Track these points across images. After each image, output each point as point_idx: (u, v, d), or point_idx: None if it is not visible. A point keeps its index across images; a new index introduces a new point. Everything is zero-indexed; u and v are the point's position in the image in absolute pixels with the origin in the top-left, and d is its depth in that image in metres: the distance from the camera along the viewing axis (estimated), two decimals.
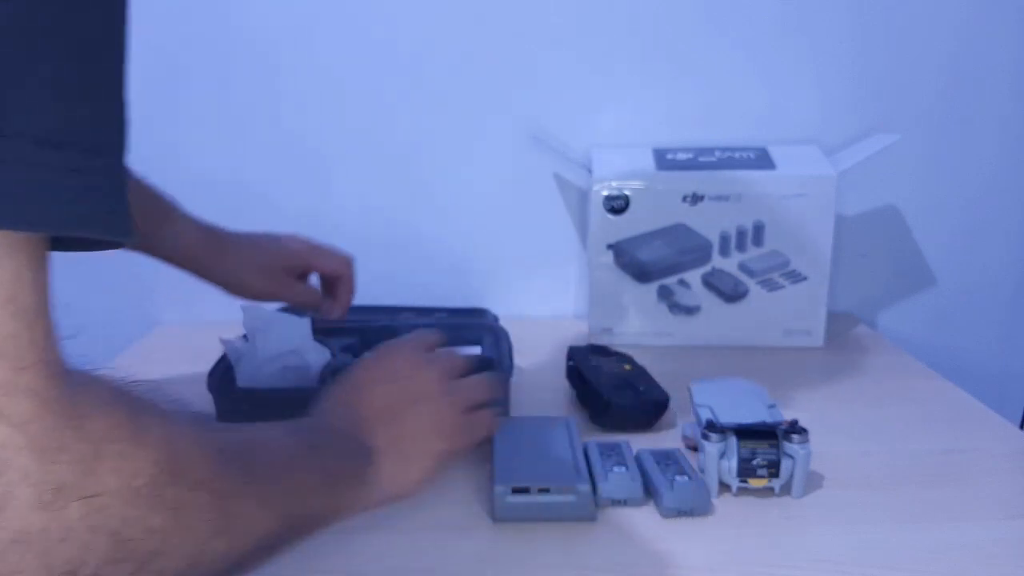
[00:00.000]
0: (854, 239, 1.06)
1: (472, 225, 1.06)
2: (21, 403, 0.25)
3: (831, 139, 1.02)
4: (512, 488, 0.59)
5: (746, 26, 1.01)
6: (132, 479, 0.28)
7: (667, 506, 0.59)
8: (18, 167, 0.25)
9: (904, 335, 1.08)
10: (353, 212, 1.04)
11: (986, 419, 0.77)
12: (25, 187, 0.25)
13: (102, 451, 0.28)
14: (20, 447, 0.25)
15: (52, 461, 0.26)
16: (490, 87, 1.02)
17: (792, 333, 0.96)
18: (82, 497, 0.26)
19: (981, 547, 0.56)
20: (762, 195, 0.93)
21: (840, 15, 1.00)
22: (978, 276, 1.09)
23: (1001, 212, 1.07)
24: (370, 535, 0.57)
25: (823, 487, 0.64)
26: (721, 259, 0.95)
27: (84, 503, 0.26)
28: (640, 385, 0.76)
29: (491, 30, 1.00)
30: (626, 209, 0.94)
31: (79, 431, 0.27)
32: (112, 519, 0.28)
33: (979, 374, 0.98)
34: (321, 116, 1.02)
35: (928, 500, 0.62)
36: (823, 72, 1.02)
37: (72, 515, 0.26)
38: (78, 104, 0.26)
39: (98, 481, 0.27)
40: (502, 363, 0.76)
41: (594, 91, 1.02)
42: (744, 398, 0.68)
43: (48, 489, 0.25)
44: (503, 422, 0.71)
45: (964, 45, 1.02)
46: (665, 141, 1.01)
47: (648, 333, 0.97)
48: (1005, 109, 1.04)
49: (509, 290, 1.07)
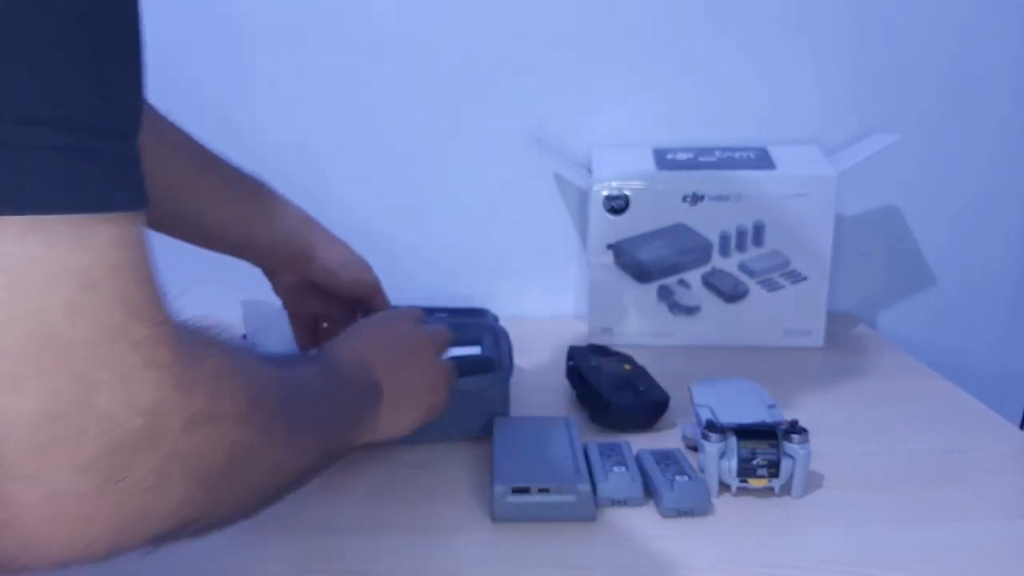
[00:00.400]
0: (854, 239, 1.06)
1: (472, 225, 1.06)
2: (163, 351, 0.31)
3: (831, 139, 1.02)
4: (512, 488, 0.59)
5: (746, 26, 1.01)
6: (237, 407, 0.35)
7: (667, 506, 0.59)
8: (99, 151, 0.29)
9: (904, 335, 1.08)
10: (353, 212, 1.04)
11: (986, 419, 0.77)
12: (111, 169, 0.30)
13: (220, 385, 0.34)
14: (168, 385, 0.31)
15: (188, 392, 0.32)
16: (490, 87, 1.02)
17: (792, 333, 0.96)
18: (210, 421, 0.33)
19: (981, 547, 0.56)
20: (762, 195, 0.93)
21: (840, 15, 1.00)
22: (978, 276, 1.09)
23: (1001, 212, 1.07)
24: (370, 535, 0.57)
25: (823, 487, 0.64)
26: (721, 259, 0.95)
27: (212, 426, 0.33)
28: (640, 385, 0.76)
29: (491, 30, 1.00)
30: (626, 209, 0.94)
31: (201, 368, 0.33)
32: (228, 437, 0.34)
33: (979, 374, 0.98)
34: (320, 116, 1.02)
35: (928, 500, 0.62)
36: (823, 72, 1.02)
37: (204, 435, 0.32)
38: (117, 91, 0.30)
39: (219, 408, 0.33)
40: (502, 363, 0.76)
41: (594, 91, 1.02)
42: (744, 398, 0.68)
43: (189, 416, 0.32)
44: (503, 422, 0.71)
45: (964, 45, 1.02)
46: (665, 141, 1.01)
47: (648, 333, 0.97)
48: (1005, 109, 1.04)
49: (509, 290, 1.07)
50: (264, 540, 0.57)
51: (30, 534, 0.29)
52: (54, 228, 0.28)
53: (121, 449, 0.29)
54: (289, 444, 0.41)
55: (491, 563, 0.55)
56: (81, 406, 0.28)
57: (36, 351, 0.27)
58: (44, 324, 0.28)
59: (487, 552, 0.56)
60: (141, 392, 0.30)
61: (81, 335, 0.28)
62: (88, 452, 0.28)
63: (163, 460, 0.31)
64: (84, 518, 0.29)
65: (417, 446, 0.70)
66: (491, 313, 0.98)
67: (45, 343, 0.28)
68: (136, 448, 0.30)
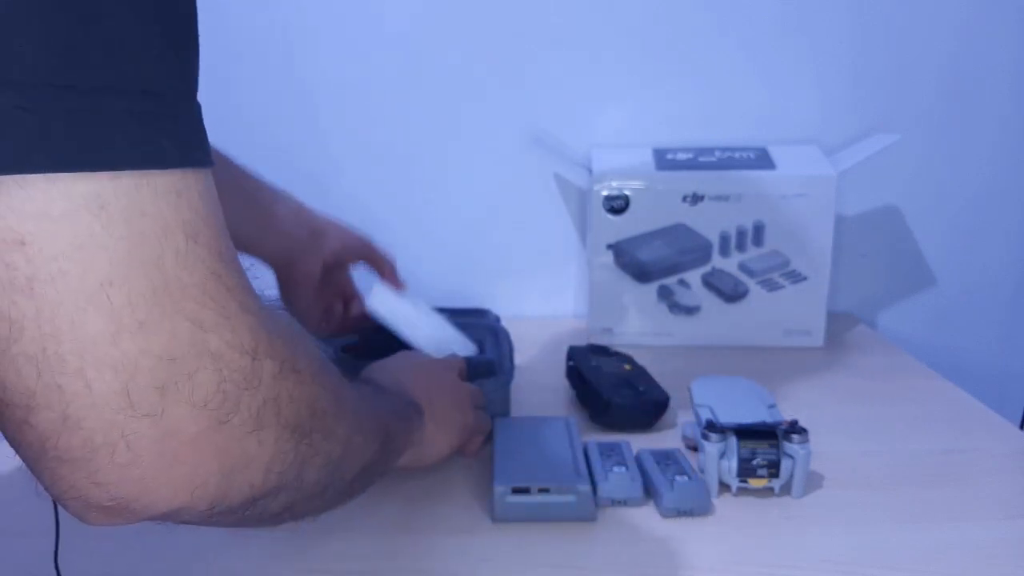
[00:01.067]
0: (854, 239, 1.06)
1: (472, 225, 1.06)
2: (251, 297, 0.33)
3: (831, 139, 1.02)
4: (512, 488, 0.59)
5: (746, 26, 1.01)
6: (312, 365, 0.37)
7: (667, 506, 0.59)
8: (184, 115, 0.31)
9: (904, 335, 1.08)
10: (353, 212, 1.04)
11: (986, 419, 0.77)
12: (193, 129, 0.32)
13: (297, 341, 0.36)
14: (261, 329, 0.33)
15: (277, 339, 0.34)
16: (490, 87, 1.02)
17: (792, 333, 0.96)
18: (295, 371, 0.35)
19: (981, 547, 0.56)
20: (762, 195, 0.93)
21: (840, 15, 1.00)
22: (978, 276, 1.09)
23: (1001, 212, 1.07)
24: (370, 535, 0.57)
25: (823, 487, 0.64)
26: (721, 259, 0.95)
27: (296, 376, 0.35)
28: (640, 385, 0.76)
29: (491, 30, 1.00)
30: (626, 209, 0.94)
31: (281, 323, 0.35)
32: (309, 391, 0.36)
33: (979, 374, 0.98)
34: (320, 116, 1.02)
35: (928, 500, 0.62)
36: (823, 72, 1.02)
37: (292, 383, 0.35)
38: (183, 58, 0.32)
39: (300, 363, 0.36)
40: (503, 364, 0.76)
41: (594, 91, 1.02)
42: (744, 398, 0.68)
43: (279, 361, 0.34)
44: (503, 422, 0.71)
45: (964, 45, 1.02)
46: (665, 141, 1.01)
47: (648, 333, 0.97)
48: (1005, 109, 1.04)
49: (509, 290, 1.07)
50: (264, 540, 0.57)
51: (148, 474, 0.30)
52: (160, 183, 0.30)
53: (230, 388, 0.31)
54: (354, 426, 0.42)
55: (491, 563, 0.55)
56: (196, 346, 0.30)
57: (156, 295, 0.29)
58: (161, 270, 0.29)
59: (487, 552, 0.56)
60: (242, 334, 0.32)
61: (191, 280, 0.30)
62: (203, 391, 0.30)
63: (261, 402, 0.33)
64: (196, 457, 0.31)
65: None
66: (492, 313, 0.98)
67: (162, 288, 0.30)
68: (241, 387, 0.32)
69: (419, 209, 1.05)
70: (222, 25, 0.98)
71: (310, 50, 1.00)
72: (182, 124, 0.31)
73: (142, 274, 0.29)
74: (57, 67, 0.27)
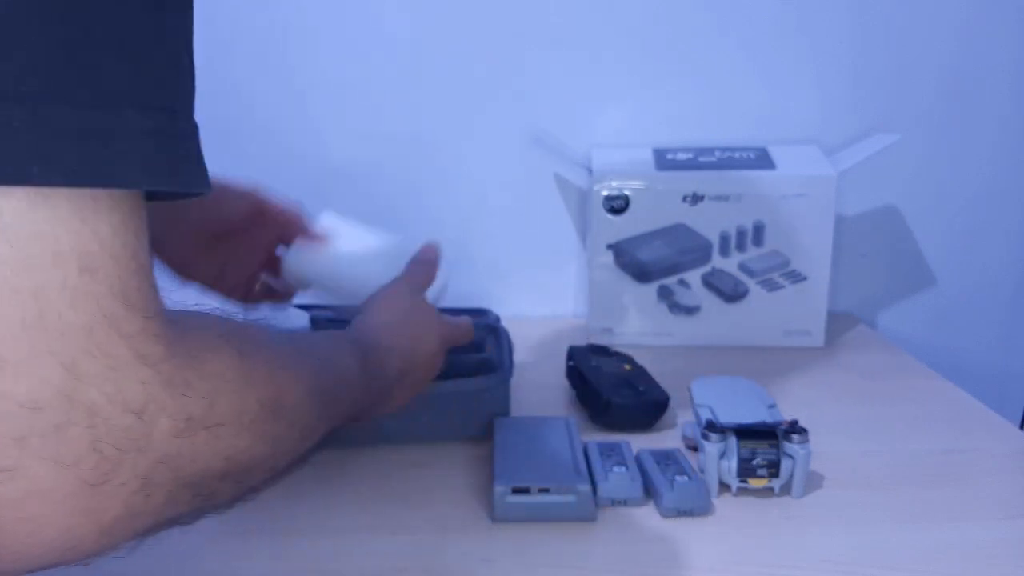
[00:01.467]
0: (854, 239, 1.06)
1: (472, 225, 1.06)
2: (154, 347, 0.29)
3: (831, 139, 1.02)
4: (512, 488, 0.59)
5: (746, 26, 1.01)
6: (242, 415, 0.34)
7: (667, 506, 0.59)
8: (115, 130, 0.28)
9: (904, 335, 1.08)
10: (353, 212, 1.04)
11: (986, 419, 0.77)
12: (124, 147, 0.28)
13: (220, 388, 0.32)
14: (158, 384, 0.29)
15: (182, 395, 0.30)
16: (490, 87, 1.02)
17: (792, 333, 0.96)
18: (206, 427, 0.31)
19: (981, 547, 0.56)
20: (762, 195, 0.93)
21: (840, 15, 1.00)
22: (978, 276, 1.09)
23: (1001, 212, 1.07)
24: (370, 535, 0.57)
25: (823, 487, 0.64)
26: (721, 259, 0.95)
27: (208, 432, 0.31)
28: (640, 385, 0.76)
29: (491, 30, 1.00)
30: (626, 209, 0.94)
31: (199, 370, 0.31)
32: (228, 446, 0.33)
33: (979, 374, 0.98)
34: (319, 116, 1.02)
35: (928, 500, 0.62)
36: (823, 72, 1.02)
37: (199, 441, 0.31)
38: (156, 68, 0.29)
39: (217, 414, 0.32)
40: (502, 364, 0.76)
41: (594, 91, 1.02)
42: (744, 398, 0.68)
43: (182, 419, 0.30)
44: (503, 422, 0.71)
45: (964, 45, 1.02)
46: (665, 141, 1.01)
47: (648, 333, 0.97)
48: (1005, 109, 1.04)
49: (509, 290, 1.07)
50: (263, 541, 0.57)
51: (7, 533, 0.27)
52: (63, 205, 0.27)
53: (107, 448, 0.28)
54: (301, 445, 0.40)
55: (491, 563, 0.55)
56: (67, 397, 0.27)
57: (28, 331, 0.26)
58: (40, 303, 0.26)
59: (487, 552, 0.56)
60: (129, 389, 0.28)
61: (75, 320, 0.27)
62: (73, 448, 0.27)
63: (152, 462, 0.29)
64: (65, 519, 0.28)
65: (417, 446, 0.70)
66: (493, 313, 0.98)
67: (38, 323, 0.26)
68: (123, 448, 0.28)
69: (419, 209, 1.05)
70: (221, 25, 0.98)
71: (309, 50, 1.00)
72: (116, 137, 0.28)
73: (18, 303, 0.26)
74: None
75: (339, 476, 0.65)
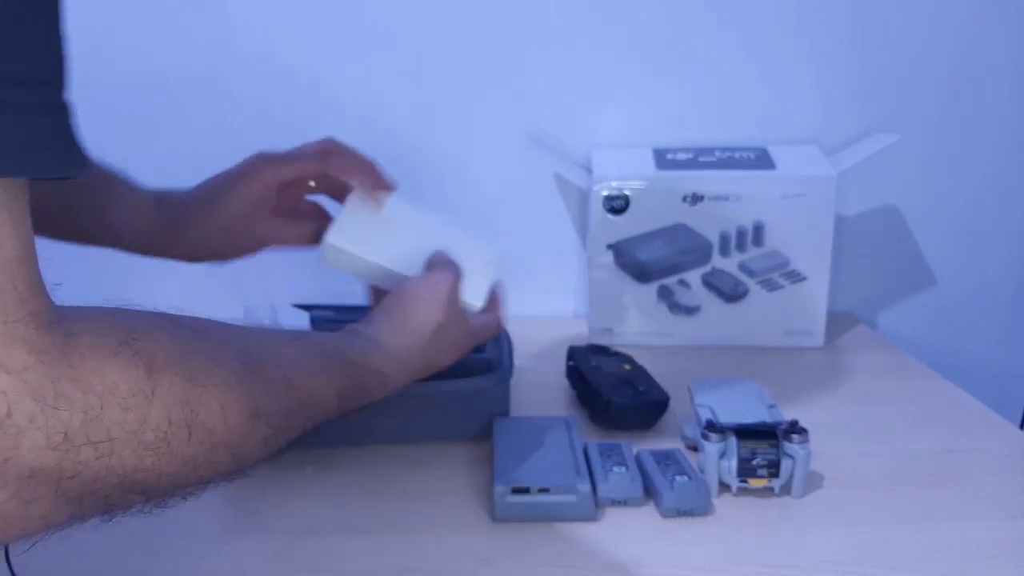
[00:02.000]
0: (854, 239, 1.06)
1: (472, 225, 1.06)
2: (16, 353, 0.26)
3: (831, 139, 1.02)
4: (512, 488, 0.59)
5: (746, 26, 1.01)
6: (140, 433, 0.30)
7: (667, 506, 0.59)
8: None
9: (904, 335, 1.08)
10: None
11: (986, 419, 0.77)
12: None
13: (106, 403, 0.29)
14: (22, 394, 0.26)
15: (54, 407, 0.27)
16: (490, 87, 1.02)
17: (792, 333, 0.96)
18: (92, 443, 0.28)
19: (981, 547, 0.56)
20: (762, 195, 0.93)
21: (840, 15, 1.00)
22: (978, 276, 1.09)
23: (1001, 212, 1.07)
24: (370, 535, 0.57)
25: (823, 487, 0.64)
26: (721, 259, 0.95)
27: (94, 448, 0.28)
28: (640, 385, 0.76)
29: (491, 30, 1.00)
30: (626, 209, 0.94)
31: (79, 382, 0.28)
32: (122, 464, 0.29)
33: (979, 374, 0.98)
34: (319, 116, 1.02)
35: (928, 500, 0.62)
36: (823, 72, 1.02)
37: (84, 456, 0.28)
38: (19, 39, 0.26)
39: (104, 431, 0.28)
40: (502, 364, 0.76)
41: (594, 91, 1.02)
42: (744, 398, 0.68)
43: (56, 433, 0.27)
44: (503, 422, 0.71)
45: (964, 45, 1.02)
46: (665, 141, 1.01)
47: (648, 333, 0.97)
48: (1005, 109, 1.04)
49: (509, 290, 1.07)
50: (263, 541, 0.57)
51: None
52: None
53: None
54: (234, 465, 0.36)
55: (491, 563, 0.55)
56: None
57: None
58: None
59: (487, 552, 0.56)
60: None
61: None
62: None
63: (23, 478, 0.27)
64: None
65: (417, 446, 0.70)
66: None
67: None
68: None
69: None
70: (222, 25, 0.98)
71: (309, 50, 0.99)
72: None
73: None
74: None
75: (339, 476, 0.65)
